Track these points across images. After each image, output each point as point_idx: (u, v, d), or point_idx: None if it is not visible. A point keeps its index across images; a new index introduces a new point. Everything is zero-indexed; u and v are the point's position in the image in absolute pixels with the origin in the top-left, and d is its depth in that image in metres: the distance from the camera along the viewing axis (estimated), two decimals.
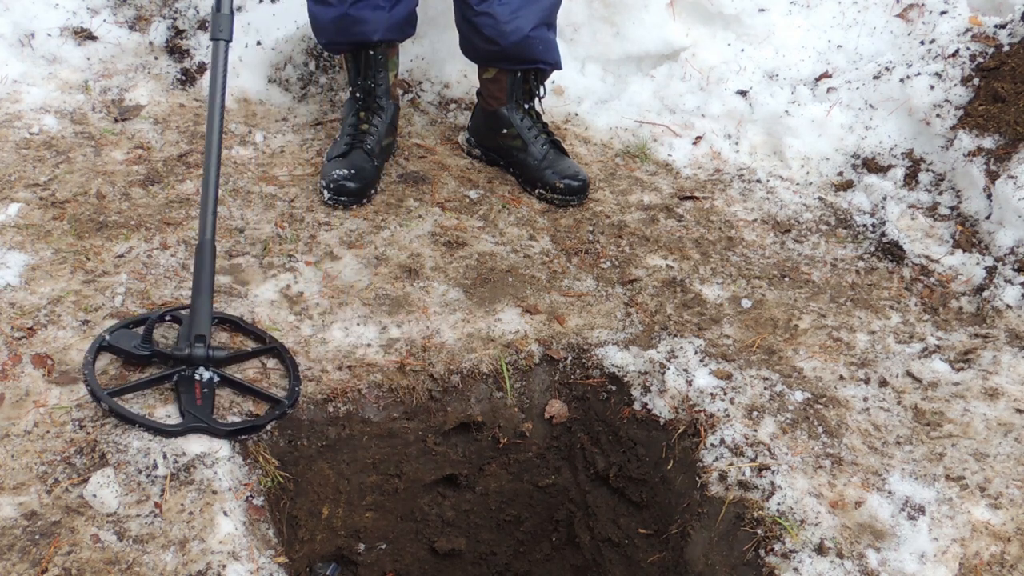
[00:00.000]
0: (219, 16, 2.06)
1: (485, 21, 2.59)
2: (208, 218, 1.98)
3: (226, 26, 2.06)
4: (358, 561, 2.28)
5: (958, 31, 2.91)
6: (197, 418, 1.83)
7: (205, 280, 1.95)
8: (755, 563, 1.72)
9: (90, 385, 1.86)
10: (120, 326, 2.00)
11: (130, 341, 1.95)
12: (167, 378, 1.92)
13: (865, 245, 2.62)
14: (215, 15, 2.06)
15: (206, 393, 1.88)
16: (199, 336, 1.92)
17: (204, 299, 1.95)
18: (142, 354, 1.94)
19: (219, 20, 2.06)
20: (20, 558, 1.57)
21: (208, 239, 1.97)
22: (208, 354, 1.92)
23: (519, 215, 2.65)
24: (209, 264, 1.96)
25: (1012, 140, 2.60)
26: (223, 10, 2.06)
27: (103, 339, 1.95)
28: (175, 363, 1.93)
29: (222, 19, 2.06)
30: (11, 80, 2.98)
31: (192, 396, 1.87)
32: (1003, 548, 1.71)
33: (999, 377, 2.11)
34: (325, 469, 2.08)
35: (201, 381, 1.90)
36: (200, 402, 1.86)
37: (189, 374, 1.91)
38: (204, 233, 1.98)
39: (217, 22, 2.05)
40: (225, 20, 2.06)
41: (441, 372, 2.11)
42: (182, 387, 1.89)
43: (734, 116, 3.05)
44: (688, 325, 2.26)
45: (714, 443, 1.92)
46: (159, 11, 3.30)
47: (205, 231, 1.98)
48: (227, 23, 2.06)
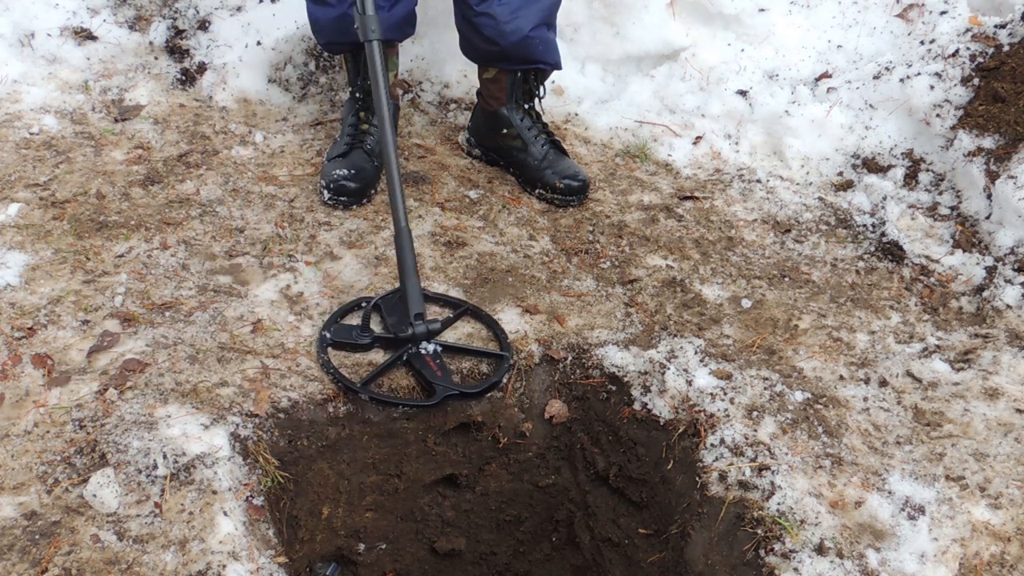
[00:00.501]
0: (366, 18, 2.19)
1: (485, 21, 2.59)
2: (399, 206, 2.12)
3: (376, 26, 2.19)
4: (358, 561, 2.28)
5: (958, 31, 2.91)
6: (446, 388, 1.97)
7: (409, 263, 2.10)
8: (755, 563, 1.72)
9: (343, 382, 1.98)
10: (331, 321, 2.13)
11: (347, 333, 2.08)
12: (399, 359, 2.05)
13: (865, 245, 2.62)
14: (361, 18, 2.19)
15: (440, 364, 2.03)
16: (417, 314, 2.07)
17: (413, 280, 2.09)
18: (364, 343, 2.07)
19: (368, 22, 2.19)
20: (20, 558, 1.57)
21: (404, 226, 2.12)
22: (428, 329, 2.05)
23: (519, 215, 2.65)
24: (409, 248, 2.11)
25: (1012, 140, 2.60)
26: (368, 11, 2.19)
27: (326, 337, 2.07)
28: (400, 344, 2.06)
29: (370, 20, 2.19)
30: (11, 80, 2.98)
31: (431, 369, 2.01)
32: (1003, 548, 1.71)
33: (999, 377, 2.11)
34: (325, 469, 2.08)
35: (430, 354, 2.04)
36: (439, 373, 2.01)
37: (416, 351, 2.05)
38: (399, 221, 2.11)
39: (367, 24, 2.19)
40: (373, 20, 2.19)
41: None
42: (417, 363, 2.03)
43: (734, 116, 3.05)
44: (688, 325, 2.26)
45: (714, 443, 1.92)
46: (159, 11, 3.30)
47: (399, 219, 2.12)
48: (375, 23, 2.19)
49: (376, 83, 2.17)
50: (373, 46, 2.19)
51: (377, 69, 2.18)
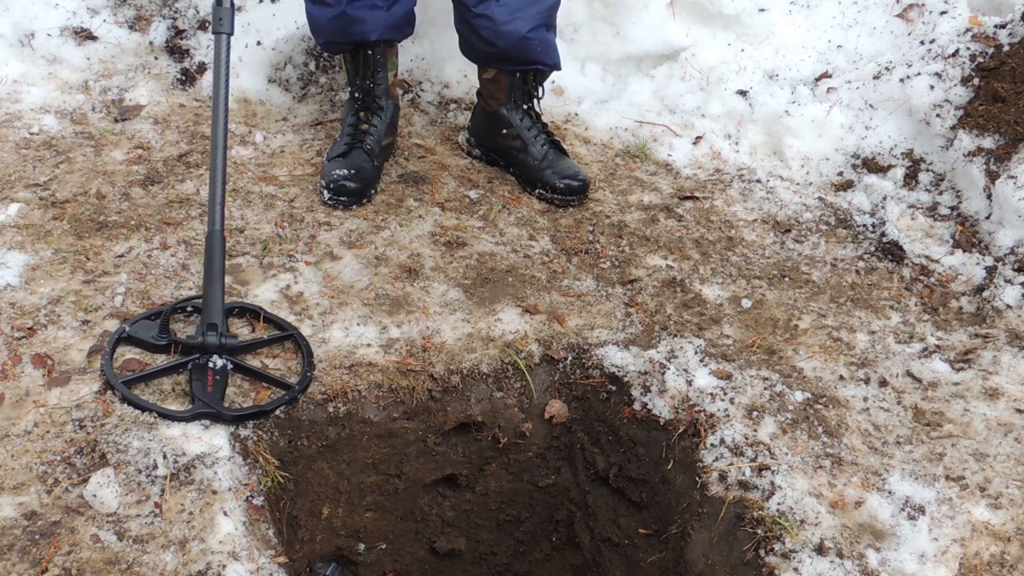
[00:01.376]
0: (220, 9, 2.08)
1: (483, 23, 2.59)
2: (216, 209, 2.02)
3: (227, 19, 2.08)
4: (358, 561, 2.28)
5: (958, 31, 2.91)
6: (206, 404, 1.86)
7: (216, 269, 1.99)
8: (755, 563, 1.72)
9: (106, 374, 1.90)
10: (141, 317, 2.05)
11: (149, 332, 2.00)
12: (182, 366, 1.96)
13: (865, 245, 2.62)
14: (216, 8, 2.08)
15: (218, 380, 1.92)
16: (211, 324, 1.96)
17: (215, 288, 1.99)
18: (159, 343, 1.99)
19: (220, 13, 2.07)
20: (20, 558, 1.57)
21: (217, 229, 2.01)
22: (221, 342, 1.95)
23: (519, 215, 2.65)
24: (219, 254, 2.00)
25: (1012, 140, 2.60)
26: (224, 4, 2.08)
27: (124, 330, 2.00)
28: (189, 351, 1.97)
29: (223, 12, 2.08)
30: (11, 80, 2.98)
31: (204, 383, 1.91)
32: (1003, 548, 1.71)
33: (999, 377, 2.11)
34: (325, 469, 2.08)
35: (214, 368, 1.94)
36: (211, 389, 1.90)
37: (203, 362, 1.95)
38: (213, 224, 2.01)
39: (218, 15, 2.07)
40: (226, 13, 2.08)
41: (441, 372, 2.11)
42: (195, 374, 1.93)
43: (734, 116, 3.05)
44: (688, 325, 2.26)
45: (714, 443, 1.92)
46: (159, 11, 3.30)
47: (214, 222, 2.01)
48: (228, 16, 2.08)
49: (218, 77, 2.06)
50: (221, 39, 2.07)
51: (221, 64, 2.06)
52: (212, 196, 2.03)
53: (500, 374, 2.15)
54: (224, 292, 2.01)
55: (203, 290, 2.00)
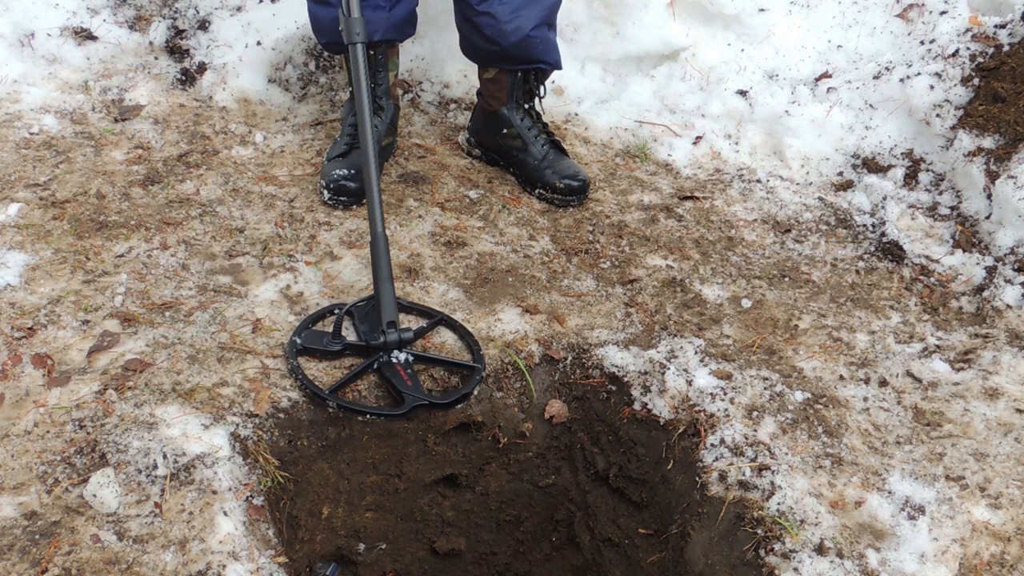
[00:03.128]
0: (351, 20, 2.16)
1: (486, 21, 2.59)
2: (376, 212, 2.10)
3: (361, 29, 2.17)
4: (358, 561, 2.28)
5: (958, 31, 2.91)
6: (416, 397, 1.94)
7: (385, 270, 2.07)
8: (755, 563, 1.72)
9: (311, 388, 1.95)
10: (303, 327, 2.10)
11: (319, 339, 2.05)
12: (369, 367, 2.03)
13: (865, 245, 2.62)
14: (347, 20, 2.16)
15: (411, 373, 2.00)
16: (390, 323, 2.04)
17: (388, 287, 2.06)
18: (335, 349, 2.04)
19: (352, 24, 2.17)
20: (20, 558, 1.57)
21: (380, 231, 2.09)
22: (400, 337, 2.02)
23: (519, 215, 2.65)
24: (385, 254, 2.08)
25: (1012, 140, 2.60)
26: (353, 14, 2.17)
27: (296, 343, 2.05)
28: (371, 352, 2.04)
29: (355, 23, 2.17)
30: (11, 80, 2.98)
31: (401, 379, 1.98)
32: (1003, 548, 1.71)
33: (999, 377, 2.11)
34: (325, 469, 2.08)
35: (401, 363, 2.02)
36: (410, 383, 1.98)
37: (387, 359, 2.03)
38: (375, 226, 2.09)
39: (351, 26, 2.17)
40: (357, 23, 2.17)
41: (441, 372, 2.11)
42: (388, 372, 2.00)
43: (734, 116, 3.05)
44: (688, 325, 2.26)
45: (714, 443, 1.92)
46: (159, 11, 3.30)
47: (376, 224, 2.09)
48: (360, 26, 2.17)
49: (359, 87, 2.14)
50: (357, 49, 2.16)
51: (361, 74, 2.15)
52: (370, 200, 2.11)
53: (500, 374, 2.15)
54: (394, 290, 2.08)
55: (375, 290, 2.06)
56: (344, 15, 2.17)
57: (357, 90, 2.16)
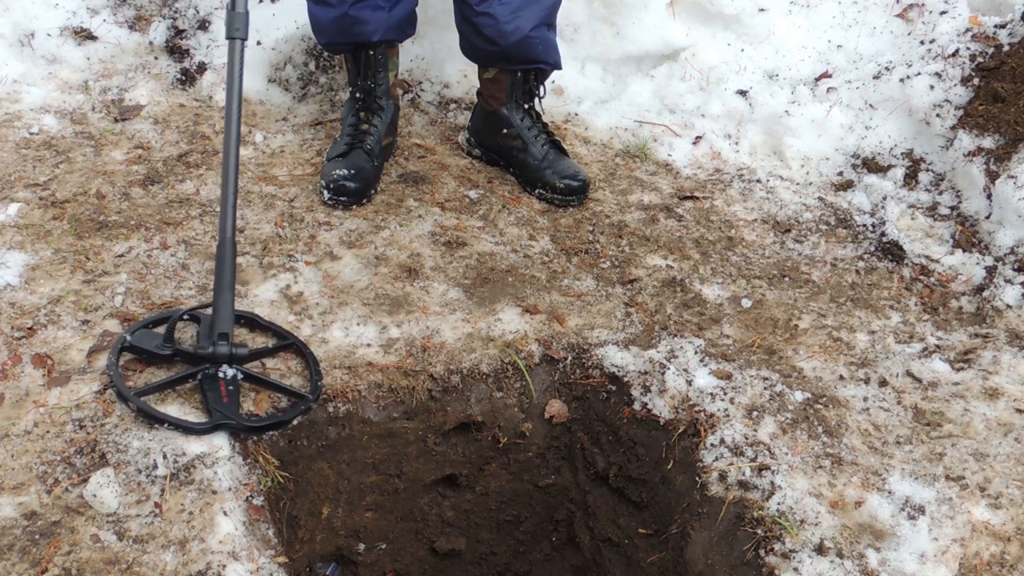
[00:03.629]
0: (234, 15, 2.05)
1: (485, 21, 2.59)
2: (228, 216, 1.99)
3: (242, 24, 2.05)
4: (358, 561, 2.28)
5: (958, 31, 2.91)
6: (225, 415, 1.83)
7: (227, 278, 1.96)
8: (755, 563, 1.72)
9: (117, 386, 1.87)
10: (140, 326, 2.01)
11: (151, 341, 1.96)
12: (191, 376, 1.93)
13: (865, 245, 2.62)
14: (230, 13, 2.05)
15: (231, 391, 1.89)
16: (222, 334, 1.93)
17: (226, 297, 1.95)
18: (164, 353, 1.95)
19: (234, 19, 2.05)
20: (20, 558, 1.57)
21: (228, 237, 1.97)
22: (231, 351, 1.93)
23: (519, 215, 2.65)
24: (230, 262, 1.96)
25: (1012, 140, 2.60)
26: (238, 8, 2.06)
27: (124, 339, 1.96)
28: (198, 361, 1.94)
29: (237, 17, 2.05)
30: (11, 80, 2.98)
31: (218, 394, 1.87)
32: (1003, 548, 1.71)
33: (999, 377, 2.11)
34: (325, 469, 2.08)
35: (226, 379, 1.91)
36: (226, 399, 1.87)
37: (213, 372, 1.92)
38: (224, 231, 1.98)
39: (232, 20, 2.05)
40: (240, 18, 2.05)
41: (441, 372, 2.11)
42: (207, 385, 1.90)
43: (734, 116, 3.05)
44: (688, 325, 2.26)
45: (714, 443, 1.92)
46: (159, 11, 3.30)
47: (226, 229, 1.98)
48: (243, 21, 2.05)
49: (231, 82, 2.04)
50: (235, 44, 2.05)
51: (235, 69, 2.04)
52: (224, 204, 2.00)
53: (500, 374, 2.15)
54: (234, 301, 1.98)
55: (213, 299, 1.97)
56: (227, 8, 2.06)
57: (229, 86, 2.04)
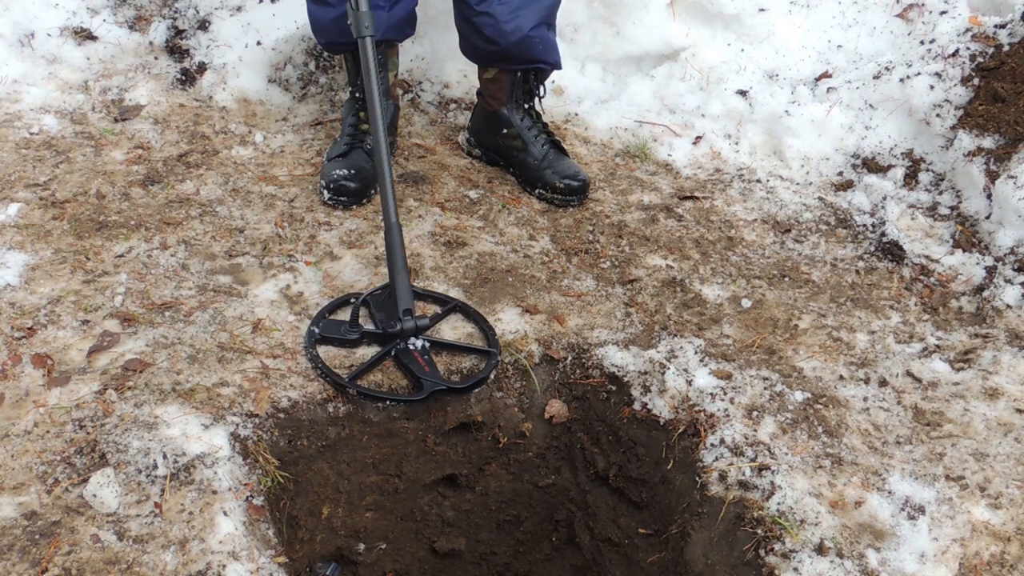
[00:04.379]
0: (360, 14, 2.19)
1: (485, 21, 2.59)
2: (389, 202, 2.11)
3: (369, 23, 2.20)
4: (358, 561, 2.28)
5: (958, 31, 2.91)
6: (434, 383, 1.97)
7: (399, 259, 2.10)
8: (755, 563, 1.72)
9: (331, 376, 1.98)
10: (320, 316, 2.13)
11: (336, 328, 2.08)
12: (387, 354, 2.05)
13: (865, 245, 2.62)
14: (356, 14, 2.19)
15: (428, 360, 2.02)
16: (406, 310, 2.06)
17: (403, 276, 2.09)
18: (352, 338, 2.07)
19: (361, 18, 2.19)
20: (20, 558, 1.57)
21: (393, 221, 2.12)
22: (416, 325, 2.05)
23: (519, 215, 2.65)
24: (399, 243, 2.11)
25: (1012, 140, 2.60)
26: (362, 7, 2.19)
27: (315, 333, 2.07)
28: (388, 339, 2.06)
29: (364, 16, 2.19)
30: (11, 80, 2.98)
31: (419, 365, 2.01)
32: (1003, 548, 1.71)
33: (999, 377, 2.11)
34: (325, 469, 2.08)
35: (418, 350, 2.04)
36: (428, 369, 2.01)
37: (404, 346, 2.06)
38: (389, 217, 2.11)
39: (360, 20, 2.19)
40: (366, 17, 2.20)
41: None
42: (405, 359, 2.02)
43: (734, 116, 3.05)
44: (688, 325, 2.26)
45: (714, 443, 1.92)
46: (159, 11, 3.30)
47: (390, 215, 2.12)
48: (369, 20, 2.20)
49: (368, 79, 2.17)
50: (367, 42, 2.19)
51: (370, 65, 2.17)
52: (383, 191, 2.13)
53: (500, 374, 2.15)
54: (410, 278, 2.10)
55: (391, 279, 2.10)
56: (352, 9, 2.20)
57: (367, 82, 2.17)
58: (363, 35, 2.19)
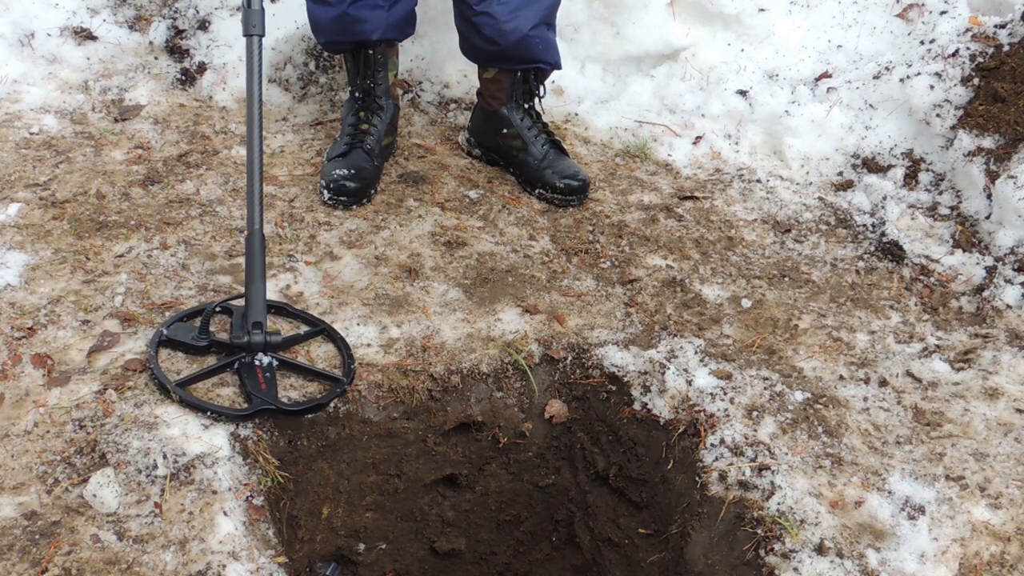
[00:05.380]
0: (251, 12, 2.10)
1: (485, 21, 2.59)
2: (256, 208, 2.05)
3: (258, 21, 2.11)
4: (358, 561, 2.28)
5: (958, 31, 2.91)
6: (264, 400, 1.90)
7: (257, 268, 2.02)
8: (755, 563, 1.72)
9: (158, 377, 1.92)
10: (175, 319, 2.06)
11: (187, 333, 2.02)
12: (228, 366, 1.99)
13: (865, 245, 2.62)
14: (246, 11, 2.10)
15: (268, 377, 1.96)
16: (256, 323, 1.99)
17: (258, 287, 2.01)
18: (200, 345, 2.01)
19: (251, 16, 2.10)
20: (20, 558, 1.57)
21: (257, 229, 2.03)
22: (266, 340, 1.98)
23: (519, 215, 2.65)
24: (259, 253, 2.02)
25: (1012, 140, 2.60)
26: (254, 6, 2.11)
27: (161, 333, 2.01)
28: (234, 351, 2.00)
29: (254, 15, 2.10)
30: (11, 80, 2.98)
31: (256, 381, 1.94)
32: (1003, 548, 1.71)
33: (999, 377, 2.11)
34: (325, 469, 2.08)
35: (262, 366, 1.98)
36: (264, 386, 1.93)
37: (249, 360, 1.98)
38: (252, 223, 2.04)
39: (249, 18, 2.10)
40: (257, 16, 2.11)
41: (441, 372, 2.11)
42: (245, 373, 1.96)
43: (734, 116, 3.05)
44: (688, 325, 2.26)
45: (714, 443, 1.92)
46: (159, 11, 3.30)
47: (253, 221, 2.04)
48: (259, 19, 2.11)
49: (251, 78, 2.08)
50: (253, 41, 2.10)
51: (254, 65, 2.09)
52: (250, 196, 2.05)
53: (500, 374, 2.15)
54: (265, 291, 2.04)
55: (245, 289, 2.03)
56: (244, 6, 2.12)
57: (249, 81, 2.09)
58: (251, 33, 2.10)
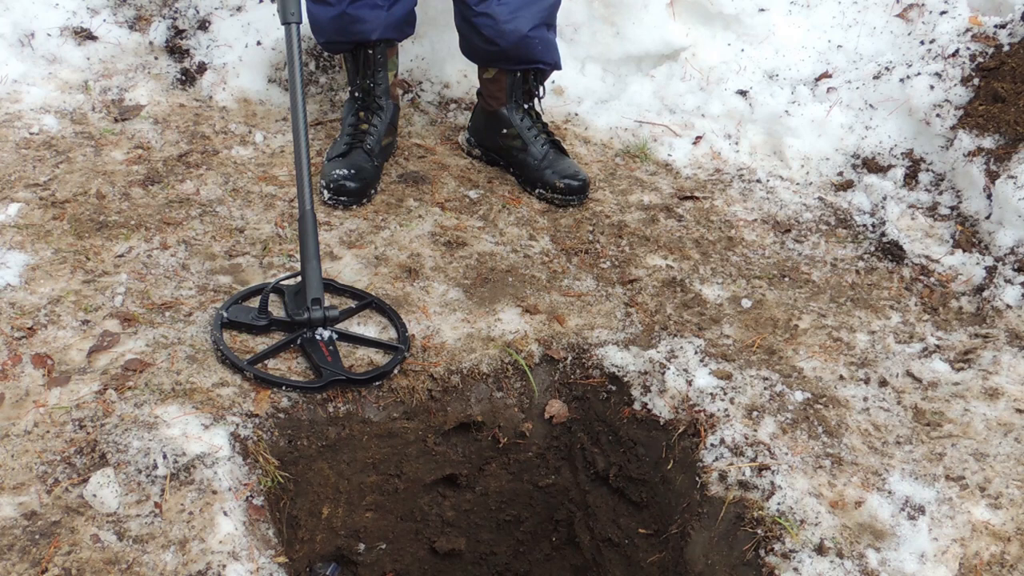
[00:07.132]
0: (288, 1, 2.15)
1: (484, 21, 2.59)
2: (305, 190, 2.11)
3: (296, 9, 2.16)
4: (358, 561, 2.28)
5: (958, 31, 2.91)
6: (334, 372, 1.98)
7: (312, 247, 2.09)
8: (755, 563, 1.72)
9: (230, 358, 1.98)
10: (232, 301, 2.13)
11: (245, 314, 2.09)
12: (292, 342, 2.06)
13: (865, 245, 2.62)
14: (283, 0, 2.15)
15: (332, 350, 2.04)
16: (315, 300, 2.06)
17: (314, 265, 2.08)
18: (261, 324, 2.08)
19: (288, 4, 2.15)
20: (20, 558, 1.57)
21: (308, 209, 2.11)
22: (325, 315, 2.05)
23: (519, 215, 2.65)
24: (313, 232, 2.09)
25: (1012, 140, 2.60)
26: None
27: (223, 316, 2.07)
28: (295, 328, 2.07)
29: (291, 3, 2.15)
30: (11, 80, 2.98)
31: (322, 354, 2.03)
32: (1003, 548, 1.71)
33: (999, 377, 2.11)
34: (325, 469, 2.08)
35: (324, 340, 2.05)
36: (330, 359, 2.02)
37: (311, 336, 2.06)
38: (303, 204, 2.11)
39: (287, 6, 2.14)
40: (294, 3, 2.15)
41: (441, 372, 2.11)
42: (309, 348, 2.04)
43: (734, 116, 3.05)
44: (688, 325, 2.26)
45: (714, 443, 1.92)
46: (159, 11, 3.30)
47: (304, 202, 2.11)
48: (296, 6, 2.16)
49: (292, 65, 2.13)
50: (291, 29, 2.14)
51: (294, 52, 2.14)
52: (299, 178, 2.12)
53: (500, 374, 2.15)
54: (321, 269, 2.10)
55: (302, 268, 2.09)
56: None
57: (290, 68, 2.14)
58: (289, 22, 2.14)
